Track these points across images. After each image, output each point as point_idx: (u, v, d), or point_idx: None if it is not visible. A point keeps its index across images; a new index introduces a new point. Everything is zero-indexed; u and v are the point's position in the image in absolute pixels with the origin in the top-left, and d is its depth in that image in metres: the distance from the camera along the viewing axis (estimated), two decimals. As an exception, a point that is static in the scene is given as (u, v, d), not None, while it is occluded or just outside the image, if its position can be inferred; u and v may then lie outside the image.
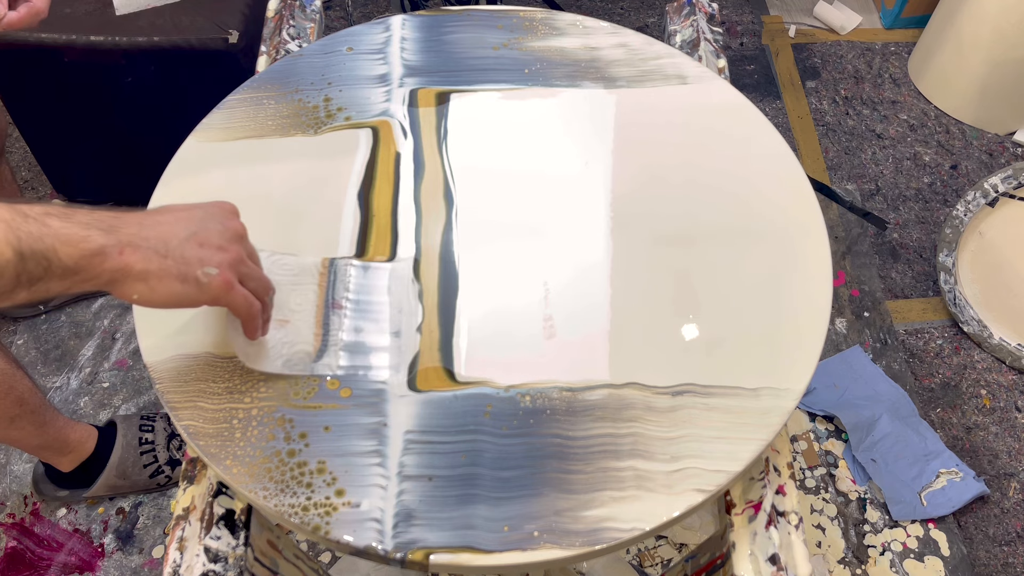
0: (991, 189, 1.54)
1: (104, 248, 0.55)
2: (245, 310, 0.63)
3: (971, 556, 1.34)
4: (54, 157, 1.59)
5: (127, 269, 0.56)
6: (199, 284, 0.59)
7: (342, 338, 0.70)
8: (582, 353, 0.70)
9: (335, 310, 0.71)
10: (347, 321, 0.71)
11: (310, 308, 0.71)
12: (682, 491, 0.62)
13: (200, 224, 0.62)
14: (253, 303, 0.64)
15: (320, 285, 0.73)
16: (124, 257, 0.56)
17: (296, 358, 0.68)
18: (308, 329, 0.70)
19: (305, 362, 0.68)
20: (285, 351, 0.68)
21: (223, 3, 1.40)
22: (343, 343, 0.70)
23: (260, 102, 0.86)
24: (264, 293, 0.66)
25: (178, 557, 0.66)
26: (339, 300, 0.72)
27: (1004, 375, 1.55)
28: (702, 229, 0.78)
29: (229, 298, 0.62)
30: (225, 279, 0.60)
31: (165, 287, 0.58)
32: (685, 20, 1.03)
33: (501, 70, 0.90)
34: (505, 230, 0.78)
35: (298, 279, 0.72)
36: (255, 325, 0.66)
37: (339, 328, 0.71)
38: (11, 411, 1.11)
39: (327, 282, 0.73)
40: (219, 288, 0.60)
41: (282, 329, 0.69)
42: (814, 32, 2.14)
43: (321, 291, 0.72)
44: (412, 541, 0.60)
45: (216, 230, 0.62)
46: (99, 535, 1.32)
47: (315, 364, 0.68)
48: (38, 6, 0.87)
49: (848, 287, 1.66)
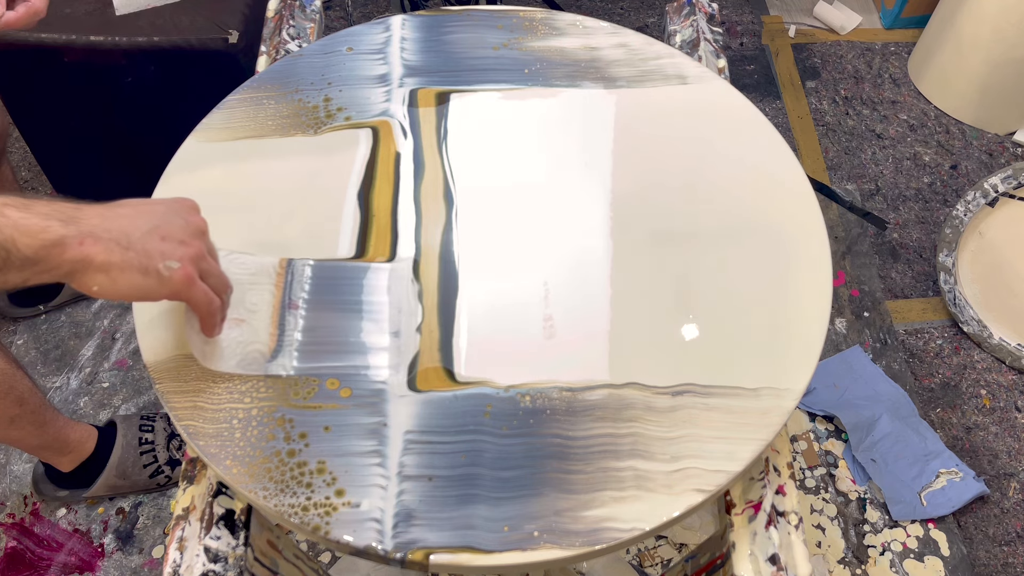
0: (991, 189, 1.54)
1: (64, 239, 0.55)
2: (204, 306, 0.63)
3: (971, 556, 1.34)
4: (54, 157, 1.59)
5: (88, 260, 0.56)
6: (160, 277, 0.59)
7: (297, 338, 0.70)
8: (582, 353, 0.70)
9: (291, 310, 0.71)
10: (302, 320, 0.70)
11: (266, 308, 0.71)
12: (682, 491, 0.62)
13: (162, 218, 0.61)
14: (213, 299, 0.63)
15: (277, 285, 0.72)
16: (85, 248, 0.56)
17: (250, 358, 0.68)
18: (264, 329, 0.70)
19: (259, 362, 0.68)
20: (239, 351, 0.68)
21: (223, 3, 1.40)
22: (345, 343, 0.70)
23: (260, 102, 0.86)
24: (223, 290, 0.66)
25: (178, 557, 0.66)
26: (296, 300, 0.72)
27: (1004, 375, 1.55)
28: (702, 229, 0.78)
29: (190, 293, 0.61)
30: (187, 273, 0.60)
31: (126, 279, 0.57)
32: (685, 20, 1.03)
33: (501, 70, 0.90)
34: (505, 230, 0.78)
35: (255, 279, 0.72)
36: (213, 322, 0.65)
37: (295, 328, 0.70)
38: (11, 411, 1.11)
39: (284, 282, 0.73)
40: (180, 282, 0.60)
41: (237, 328, 0.69)
42: (814, 32, 2.14)
43: (278, 291, 0.72)
44: (412, 541, 0.60)
45: (178, 225, 0.62)
46: (99, 535, 1.32)
47: (269, 364, 0.68)
48: (36, 6, 0.87)
49: (848, 287, 1.66)
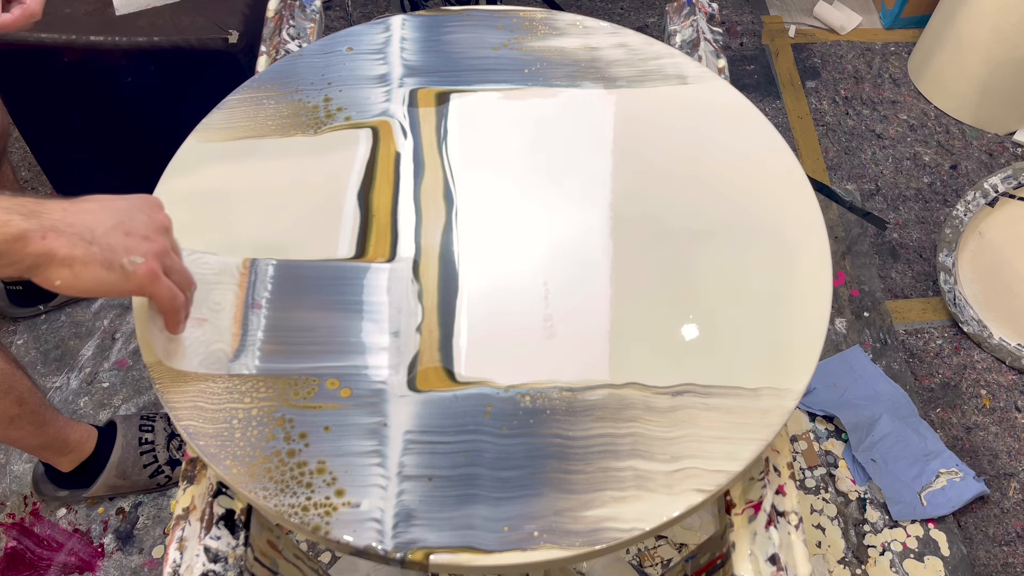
0: (991, 189, 1.54)
1: (26, 233, 0.55)
2: (168, 302, 0.63)
3: (971, 556, 1.34)
4: (54, 157, 1.59)
5: (50, 254, 0.56)
6: (124, 272, 0.59)
7: (260, 337, 0.70)
8: (582, 353, 0.70)
9: (254, 310, 0.71)
10: (264, 320, 0.70)
11: (229, 308, 0.71)
12: (682, 491, 0.62)
13: (126, 214, 0.61)
14: (177, 295, 0.63)
15: (241, 285, 0.72)
16: (47, 242, 0.56)
17: (212, 357, 0.68)
18: (226, 329, 0.70)
19: (222, 362, 0.68)
20: (202, 350, 0.68)
21: (223, 3, 1.40)
22: (345, 343, 0.70)
23: (260, 102, 0.86)
24: (187, 287, 0.66)
25: (178, 557, 0.66)
26: (259, 300, 0.72)
27: (1004, 375, 1.55)
28: (702, 229, 0.78)
29: (154, 288, 0.61)
30: (151, 268, 0.60)
31: (90, 273, 0.57)
32: (685, 20, 1.03)
33: (501, 70, 0.90)
34: (505, 230, 0.78)
35: (218, 278, 0.72)
36: (177, 319, 0.65)
37: (258, 328, 0.70)
38: (10, 411, 1.11)
39: (248, 282, 0.73)
40: (144, 277, 0.60)
41: (200, 328, 0.69)
42: (814, 32, 2.14)
43: (241, 291, 0.72)
44: (412, 541, 0.60)
45: (142, 221, 0.62)
46: (99, 535, 1.32)
47: (232, 364, 0.68)
48: (32, 8, 0.86)
49: (848, 287, 1.66)
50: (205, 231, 0.76)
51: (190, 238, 0.76)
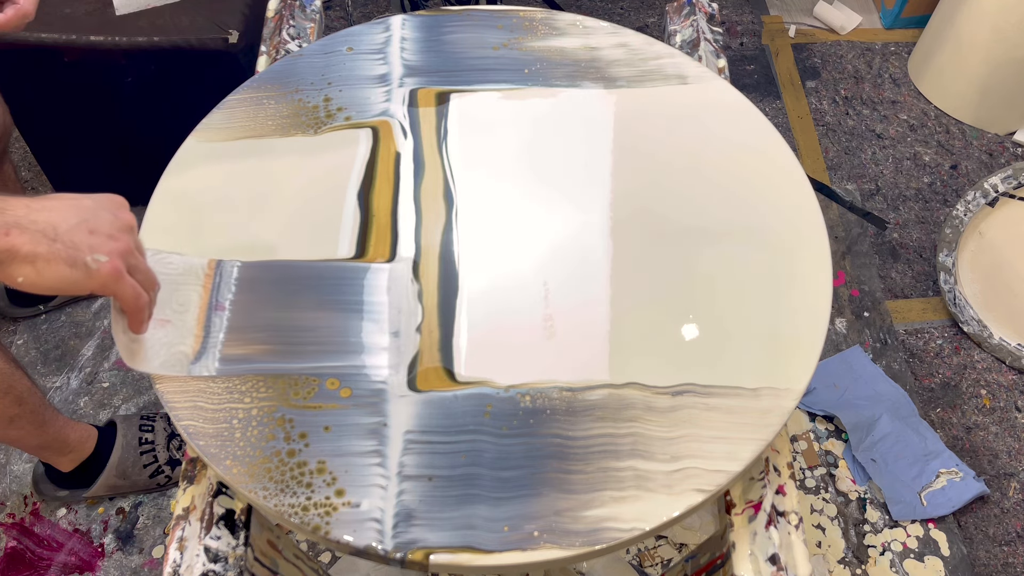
0: (991, 189, 1.54)
1: None
2: (132, 301, 0.62)
3: (971, 556, 1.34)
4: (54, 157, 1.59)
5: (13, 251, 0.55)
6: (88, 270, 0.58)
7: (222, 339, 0.69)
8: (582, 353, 0.70)
9: (218, 312, 0.71)
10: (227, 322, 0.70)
11: (192, 309, 0.70)
12: (682, 491, 0.62)
13: (91, 212, 0.61)
14: (141, 294, 0.63)
15: (205, 287, 0.72)
16: (10, 238, 0.55)
17: (174, 359, 0.68)
18: (188, 330, 0.69)
19: (183, 363, 0.68)
20: (164, 351, 0.67)
21: (223, 3, 1.40)
22: (345, 343, 0.70)
23: (260, 102, 0.86)
24: (150, 287, 0.65)
25: (178, 557, 0.66)
26: (223, 302, 0.71)
27: (1004, 375, 1.55)
28: (702, 229, 0.78)
29: (117, 287, 0.61)
30: (115, 267, 0.60)
31: (53, 271, 0.57)
32: (685, 20, 1.03)
33: (501, 70, 0.90)
34: (505, 230, 0.78)
35: (182, 279, 0.71)
36: (140, 318, 0.64)
37: (220, 330, 0.70)
38: (10, 411, 1.11)
39: (212, 284, 0.72)
40: (108, 275, 0.59)
41: (162, 329, 0.68)
42: (814, 32, 2.14)
43: (206, 292, 0.72)
44: (412, 541, 0.60)
45: (107, 219, 0.61)
46: (99, 535, 1.32)
47: (193, 366, 0.68)
48: (25, 8, 0.86)
49: (848, 287, 1.66)
50: (205, 231, 0.76)
51: (190, 238, 0.76)
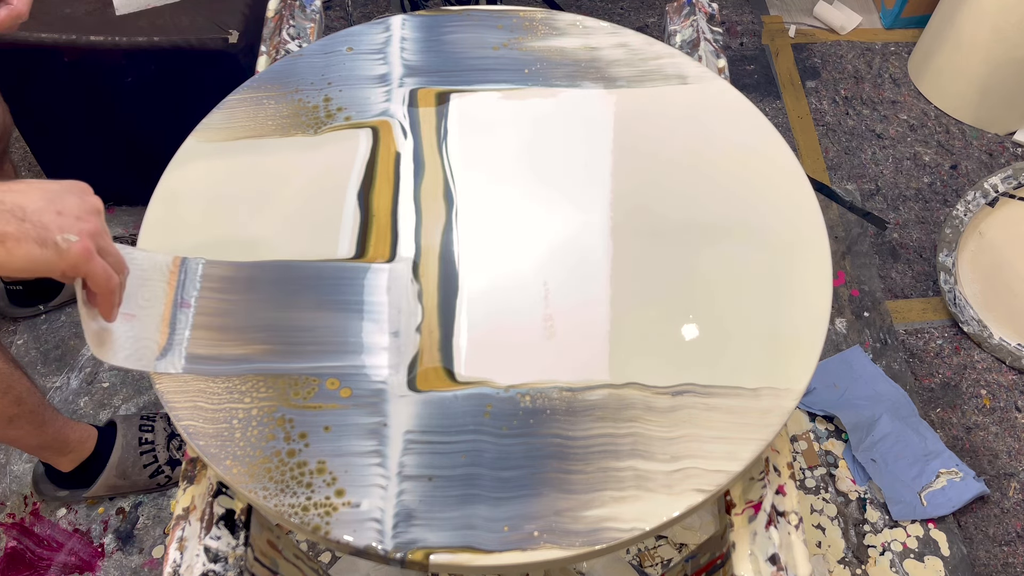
0: (991, 189, 1.54)
1: None
2: (103, 282, 0.62)
3: (971, 556, 1.34)
4: (54, 157, 1.59)
5: None
6: (58, 249, 0.58)
7: (187, 336, 0.69)
8: (582, 353, 0.70)
9: (183, 309, 0.71)
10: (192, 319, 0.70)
11: (158, 305, 0.70)
12: (682, 491, 0.62)
13: (57, 195, 0.61)
14: (112, 276, 0.62)
15: (170, 284, 0.72)
16: None
17: (139, 353, 0.67)
18: (154, 327, 0.69)
19: (148, 359, 0.67)
20: (129, 345, 0.67)
21: (223, 3, 1.40)
22: (345, 343, 0.70)
23: (260, 102, 0.86)
24: (120, 270, 0.65)
25: (178, 557, 0.66)
26: (188, 300, 0.71)
27: (1004, 375, 1.55)
28: (702, 229, 0.78)
29: (89, 267, 0.60)
30: (85, 247, 0.59)
31: (23, 250, 0.57)
32: (685, 20, 1.03)
33: (501, 70, 0.90)
34: (505, 230, 0.78)
35: (147, 275, 0.71)
36: (112, 301, 0.64)
37: (186, 327, 0.70)
38: (9, 411, 1.11)
39: (177, 281, 0.72)
40: (79, 255, 0.59)
41: (128, 323, 0.68)
42: (814, 32, 2.14)
43: (171, 289, 0.71)
44: (412, 541, 0.60)
45: (74, 202, 0.61)
46: (99, 535, 1.32)
47: (159, 362, 0.68)
48: (19, 8, 0.86)
49: (848, 287, 1.66)
50: (205, 231, 0.77)
51: (190, 238, 0.76)
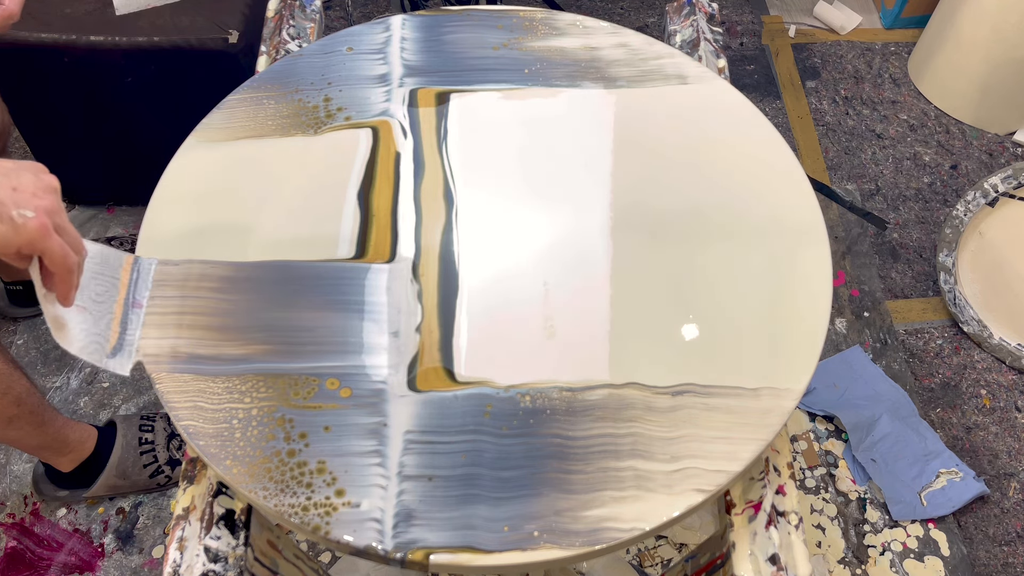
0: (991, 189, 1.54)
1: None
2: (61, 260, 0.60)
3: (971, 556, 1.34)
4: (54, 157, 1.59)
5: None
6: (14, 225, 0.57)
7: (138, 335, 0.69)
8: (582, 353, 0.70)
9: (135, 309, 0.70)
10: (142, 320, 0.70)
11: (108, 303, 0.69)
12: (682, 491, 0.62)
13: (12, 172, 0.60)
14: (69, 254, 0.61)
15: (123, 282, 0.71)
16: None
17: (91, 347, 0.66)
18: (105, 323, 0.68)
19: (99, 354, 0.66)
20: (83, 337, 0.66)
21: (223, 3, 1.40)
22: (345, 343, 0.70)
23: (260, 102, 0.86)
24: (78, 250, 0.63)
25: (178, 557, 0.66)
26: (140, 300, 0.71)
27: (1004, 375, 1.55)
28: (702, 229, 0.78)
29: (46, 244, 0.59)
30: (42, 223, 0.58)
31: None
32: (685, 20, 1.03)
33: (501, 70, 0.90)
34: (505, 230, 0.78)
35: (99, 268, 0.70)
36: (70, 281, 0.62)
37: (136, 327, 0.70)
38: (9, 411, 1.11)
39: (130, 280, 0.72)
40: (36, 231, 0.58)
41: (81, 315, 0.67)
42: (814, 32, 2.14)
43: (123, 289, 0.71)
44: (412, 541, 0.60)
45: (29, 180, 0.60)
46: (99, 535, 1.32)
47: (109, 360, 0.67)
48: (10, 9, 0.86)
49: (848, 287, 1.66)
50: (204, 231, 0.77)
51: (190, 238, 0.76)
